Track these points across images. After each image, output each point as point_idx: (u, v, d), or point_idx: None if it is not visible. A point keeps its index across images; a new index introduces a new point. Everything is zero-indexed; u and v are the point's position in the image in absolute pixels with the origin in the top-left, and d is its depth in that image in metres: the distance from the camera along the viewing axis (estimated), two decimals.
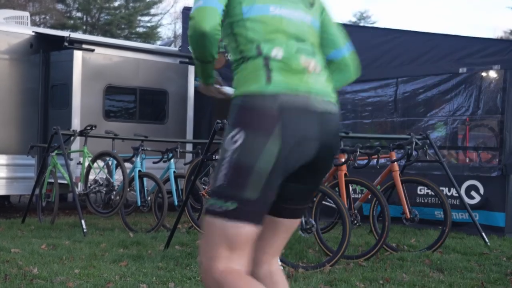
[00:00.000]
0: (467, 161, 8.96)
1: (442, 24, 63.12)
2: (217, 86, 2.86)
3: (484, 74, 8.59)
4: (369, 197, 7.18)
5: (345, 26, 10.60)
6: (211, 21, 2.33)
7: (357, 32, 10.78)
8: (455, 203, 8.35)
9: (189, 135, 11.47)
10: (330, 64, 2.64)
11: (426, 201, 8.71)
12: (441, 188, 7.82)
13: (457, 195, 8.12)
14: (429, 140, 7.80)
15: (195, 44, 2.43)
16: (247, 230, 2.22)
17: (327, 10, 2.66)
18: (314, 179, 2.46)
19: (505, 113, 8.28)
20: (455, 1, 63.14)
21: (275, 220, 2.46)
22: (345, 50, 2.72)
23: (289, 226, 2.52)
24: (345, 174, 6.59)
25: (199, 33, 2.34)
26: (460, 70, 8.72)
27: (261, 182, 2.20)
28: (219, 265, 2.23)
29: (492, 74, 8.56)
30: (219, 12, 2.36)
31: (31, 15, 15.21)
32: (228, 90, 2.85)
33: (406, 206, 6.83)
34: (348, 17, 52.54)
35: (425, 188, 8.52)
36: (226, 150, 2.28)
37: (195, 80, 11.60)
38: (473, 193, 8.45)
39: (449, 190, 8.52)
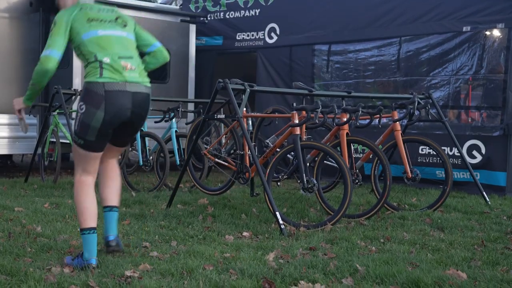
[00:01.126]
0: (469, 120, 8.94)
1: None
2: (24, 113, 4.52)
3: (488, 32, 8.50)
4: (370, 156, 7.19)
5: None
6: (52, 65, 4.18)
7: None
8: (456, 162, 8.37)
9: (191, 94, 11.43)
10: (150, 54, 4.65)
11: (427, 160, 8.72)
12: (442, 147, 7.82)
13: (458, 154, 8.12)
14: (431, 99, 7.77)
15: (38, 77, 4.23)
16: (91, 155, 4.23)
17: (137, 26, 4.55)
18: (132, 128, 4.37)
19: (508, 72, 8.23)
20: None
21: (111, 146, 4.42)
22: (156, 44, 4.68)
23: (118, 149, 4.52)
24: (347, 133, 6.58)
25: (44, 71, 4.19)
26: (464, 29, 8.63)
27: (95, 133, 4.11)
28: (76, 176, 4.28)
29: (496, 32, 8.47)
30: (57, 59, 4.20)
31: None
32: (25, 123, 4.57)
33: (408, 166, 6.85)
34: None
35: (427, 147, 8.53)
36: (77, 112, 4.16)
37: (197, 39, 11.52)
38: (474, 152, 8.45)
39: (450, 150, 8.52)
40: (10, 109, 9.81)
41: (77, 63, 9.98)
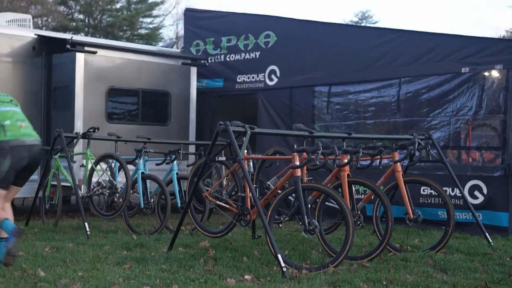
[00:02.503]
0: (470, 161, 8.94)
1: (443, 23, 62.97)
2: None
3: (486, 73, 8.57)
4: (372, 197, 7.18)
5: (346, 26, 10.59)
6: None
7: (359, 32, 10.80)
8: (458, 203, 8.34)
9: (192, 136, 11.46)
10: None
11: (429, 201, 8.70)
12: (444, 188, 7.80)
13: (460, 195, 8.10)
14: (431, 140, 7.79)
15: None
16: (1, 192, 5.73)
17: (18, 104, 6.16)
18: (28, 171, 5.91)
19: (507, 113, 8.27)
20: (456, 0, 63.04)
21: (12, 186, 5.82)
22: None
23: (16, 189, 5.96)
24: (348, 174, 6.58)
25: None
26: (463, 70, 8.70)
27: (3, 174, 5.65)
28: None
29: (495, 73, 8.54)
30: None
31: (33, 18, 15.24)
32: None
33: (409, 207, 6.82)
34: (349, 17, 52.61)
35: (428, 188, 8.50)
36: None
37: (198, 81, 11.61)
38: (476, 193, 8.44)
39: (452, 190, 8.50)
40: None
41: (79, 105, 10.05)
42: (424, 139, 7.71)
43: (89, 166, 8.84)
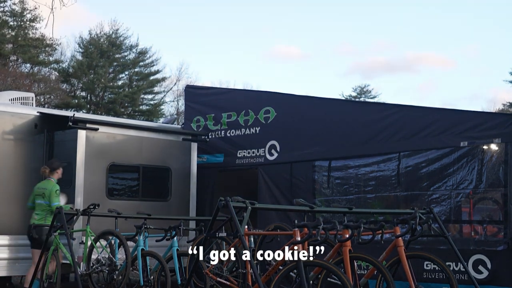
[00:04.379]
0: (473, 234, 8.88)
1: (440, 96, 63.88)
2: None
3: (485, 147, 8.62)
4: (374, 272, 7.09)
5: (345, 102, 10.73)
6: None
7: (358, 107, 10.95)
8: (462, 278, 8.22)
9: (192, 211, 11.42)
10: None
11: (433, 276, 8.58)
12: (447, 263, 7.73)
13: (464, 269, 8.00)
14: (433, 214, 7.75)
15: None
16: None
17: None
18: None
19: (508, 186, 8.26)
20: (453, 73, 64.10)
21: None
22: None
23: None
24: (350, 250, 6.52)
25: None
26: (462, 144, 8.75)
27: None
28: None
29: (494, 147, 8.59)
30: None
31: (36, 95, 15.44)
32: None
33: (413, 282, 6.73)
34: (348, 92, 53.31)
35: (432, 263, 8.40)
36: None
37: (198, 157, 11.66)
38: (480, 267, 8.33)
39: (456, 265, 8.40)
40: (10, 229, 9.86)
41: (79, 182, 10.07)
42: (425, 213, 7.67)
43: (89, 243, 8.77)
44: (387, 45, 66.93)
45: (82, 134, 10.18)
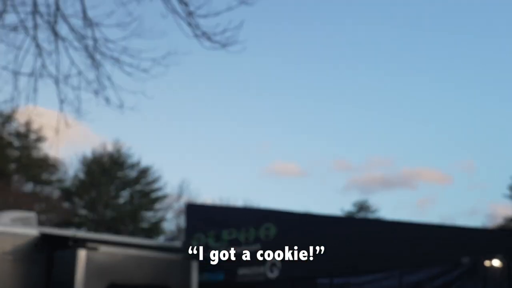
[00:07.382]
0: None
1: (438, 211, 64.08)
2: None
3: (487, 263, 8.55)
4: None
5: (346, 219, 10.80)
6: None
7: (359, 224, 10.99)
8: None
9: None
10: None
11: None
12: None
13: None
14: None
15: None
16: None
17: None
18: None
19: None
20: (450, 188, 64.35)
21: None
22: None
23: None
24: None
25: None
26: (463, 260, 8.70)
27: None
28: None
29: (496, 263, 8.53)
30: None
31: (37, 213, 15.45)
32: None
33: None
34: (348, 207, 53.25)
35: None
36: None
37: (198, 275, 11.55)
38: None
39: None
40: None
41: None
42: None
43: None
44: (382, 161, 67.64)
45: (81, 254, 10.11)
